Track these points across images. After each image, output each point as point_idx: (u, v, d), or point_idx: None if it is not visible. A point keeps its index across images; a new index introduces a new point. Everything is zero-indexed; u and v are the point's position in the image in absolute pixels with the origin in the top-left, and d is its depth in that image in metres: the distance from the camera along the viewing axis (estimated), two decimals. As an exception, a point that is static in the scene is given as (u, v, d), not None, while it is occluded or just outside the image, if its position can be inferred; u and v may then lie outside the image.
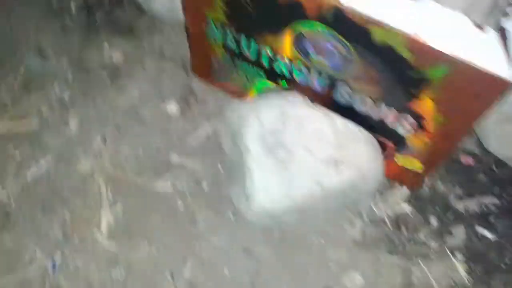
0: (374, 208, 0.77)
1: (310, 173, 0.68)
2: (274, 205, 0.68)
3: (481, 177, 0.83)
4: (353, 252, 0.73)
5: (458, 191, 0.81)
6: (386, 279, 0.72)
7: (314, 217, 0.75)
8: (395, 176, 0.78)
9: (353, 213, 0.76)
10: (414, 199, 0.79)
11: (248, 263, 0.72)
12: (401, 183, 0.80)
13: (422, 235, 0.76)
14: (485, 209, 0.79)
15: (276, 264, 0.72)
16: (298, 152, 0.68)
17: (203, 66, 0.85)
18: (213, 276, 0.71)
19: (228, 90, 0.86)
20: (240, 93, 0.82)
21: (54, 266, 0.71)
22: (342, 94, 0.69)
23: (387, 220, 0.77)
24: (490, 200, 0.80)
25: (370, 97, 0.67)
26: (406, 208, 0.78)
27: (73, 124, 0.84)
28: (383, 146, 0.73)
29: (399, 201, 0.79)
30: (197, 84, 0.88)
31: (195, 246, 0.73)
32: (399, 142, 0.71)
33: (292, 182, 0.67)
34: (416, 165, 0.74)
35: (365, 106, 0.68)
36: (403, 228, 0.76)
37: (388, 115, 0.67)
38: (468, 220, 0.78)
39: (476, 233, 0.77)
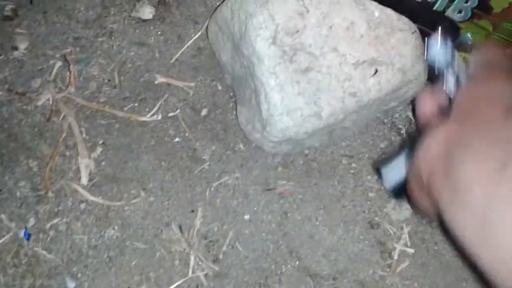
0: (413, 119, 0.63)
1: (341, 82, 0.52)
2: (299, 129, 0.53)
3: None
4: (395, 175, 0.60)
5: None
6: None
7: (344, 137, 0.61)
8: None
9: (388, 128, 0.62)
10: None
11: (271, 202, 0.58)
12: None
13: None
14: None
15: (304, 199, 0.58)
16: (324, 57, 0.51)
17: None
18: (231, 224, 0.58)
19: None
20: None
21: (27, 234, 0.57)
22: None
23: (429, 131, 0.63)
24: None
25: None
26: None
27: (21, 45, 0.64)
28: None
29: (442, 106, 0.65)
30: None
31: (203, 190, 0.59)
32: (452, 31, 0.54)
33: (319, 97, 0.52)
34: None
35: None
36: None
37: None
38: None
39: None
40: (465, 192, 0.37)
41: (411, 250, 0.56)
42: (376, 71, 0.52)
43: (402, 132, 0.61)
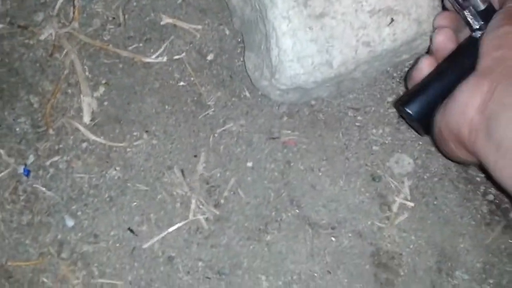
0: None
1: (355, 30, 0.51)
2: (309, 78, 0.52)
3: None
4: (400, 130, 0.60)
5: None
6: (439, 160, 0.59)
7: (352, 89, 0.60)
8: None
9: (397, 82, 0.61)
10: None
11: (275, 151, 0.58)
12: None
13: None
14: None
15: (308, 149, 0.58)
16: (340, 2, 0.50)
17: None
18: (234, 170, 0.58)
19: None
20: None
21: (26, 171, 0.56)
22: None
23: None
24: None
25: None
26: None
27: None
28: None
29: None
30: None
31: (207, 136, 0.58)
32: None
33: (332, 45, 0.51)
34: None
35: None
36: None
37: None
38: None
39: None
40: (510, 149, 0.37)
41: (410, 204, 0.57)
42: (392, 20, 0.51)
43: (410, 87, 0.61)
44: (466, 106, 0.41)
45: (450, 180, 0.58)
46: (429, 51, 0.51)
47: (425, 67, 0.48)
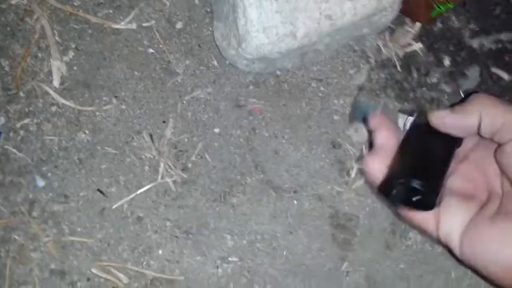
0: (382, 49, 0.65)
1: (318, 3, 0.53)
2: (273, 48, 0.54)
3: (498, 11, 0.71)
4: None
5: (473, 26, 0.70)
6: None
7: (315, 61, 0.63)
8: (407, 9, 0.65)
9: (358, 55, 0.64)
10: (426, 37, 0.68)
11: (241, 118, 0.61)
12: (413, 17, 0.67)
13: (434, 78, 0.66)
14: (500, 46, 0.70)
15: (272, 117, 0.61)
16: (304, -23, 0.52)
17: None
18: (201, 135, 0.60)
19: None
20: None
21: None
22: None
23: (396, 62, 0.65)
24: (507, 37, 0.70)
25: None
26: (417, 47, 0.67)
27: None
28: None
29: (410, 40, 0.67)
30: None
31: (175, 102, 0.60)
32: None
33: (296, 17, 0.53)
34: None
35: None
36: (413, 71, 0.66)
37: None
38: (482, 59, 0.69)
39: (491, 74, 0.68)
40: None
41: (367, 170, 0.61)
42: (353, -6, 0.53)
43: (371, 60, 0.64)
44: None
45: (404, 149, 0.62)
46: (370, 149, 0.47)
47: (375, 167, 0.43)
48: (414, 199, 0.38)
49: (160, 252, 0.57)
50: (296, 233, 0.58)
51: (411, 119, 0.42)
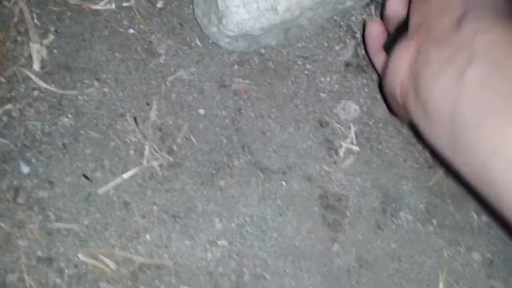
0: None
1: (300, -22, 0.51)
2: (255, 23, 0.53)
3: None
4: (347, 78, 0.62)
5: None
6: (384, 106, 0.62)
7: (300, 37, 0.61)
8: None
9: (344, 30, 0.62)
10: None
11: (226, 99, 0.59)
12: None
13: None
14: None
15: (258, 97, 0.60)
16: (284, -51, 0.51)
17: None
18: (186, 117, 0.59)
19: None
20: None
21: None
22: None
23: (385, 37, 0.64)
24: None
25: None
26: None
27: None
28: None
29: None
30: None
31: (159, 83, 0.59)
32: None
33: (277, -8, 0.51)
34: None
35: None
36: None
37: None
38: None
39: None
40: (433, 111, 0.39)
41: (356, 148, 0.59)
42: (335, -34, 0.51)
43: (357, 35, 0.62)
44: (398, 67, 0.42)
45: (394, 126, 0.60)
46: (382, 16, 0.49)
47: (374, 31, 0.46)
48: None
49: (147, 237, 0.56)
50: (286, 215, 0.57)
51: None
